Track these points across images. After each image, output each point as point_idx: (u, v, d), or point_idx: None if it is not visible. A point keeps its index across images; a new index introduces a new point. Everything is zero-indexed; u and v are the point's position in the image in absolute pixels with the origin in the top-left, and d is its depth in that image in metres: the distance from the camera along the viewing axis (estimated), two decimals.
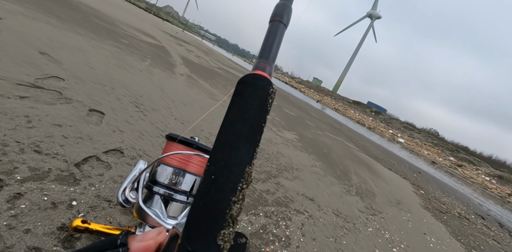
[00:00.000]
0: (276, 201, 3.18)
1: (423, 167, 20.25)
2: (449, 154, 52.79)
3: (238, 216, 0.31)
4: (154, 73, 5.63)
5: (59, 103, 2.82)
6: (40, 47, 3.75)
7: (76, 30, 5.54)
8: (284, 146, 5.58)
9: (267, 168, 3.99)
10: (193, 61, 10.70)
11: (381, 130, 45.14)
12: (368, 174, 7.13)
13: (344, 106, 61.19)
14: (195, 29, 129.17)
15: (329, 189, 4.44)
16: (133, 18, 16.50)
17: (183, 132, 3.77)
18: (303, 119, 11.58)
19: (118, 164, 2.52)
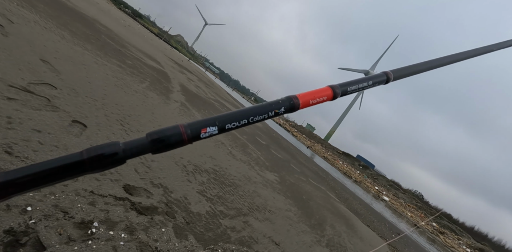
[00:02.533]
0: (240, 240, 3.08)
1: (405, 228, 19.78)
2: (432, 219, 51.96)
3: None
4: (149, 96, 5.76)
5: (45, 110, 2.85)
6: (43, 55, 3.89)
7: (84, 45, 5.79)
8: (262, 186, 5.52)
9: (239, 205, 3.91)
10: (191, 90, 10.99)
11: (367, 185, 44.86)
12: (344, 228, 6.96)
13: (334, 156, 61.44)
14: (200, 60, 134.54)
15: (299, 236, 4.31)
16: (142, 42, 17.24)
17: (162, 157, 3.76)
18: (289, 163, 11.57)
19: (86, 178, 2.48)
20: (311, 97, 0.63)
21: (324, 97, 0.65)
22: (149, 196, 2.80)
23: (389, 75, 0.77)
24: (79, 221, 2.04)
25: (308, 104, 0.63)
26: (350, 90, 0.69)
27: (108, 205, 2.35)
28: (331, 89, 0.66)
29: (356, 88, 0.70)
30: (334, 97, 0.67)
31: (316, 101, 0.64)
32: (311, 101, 0.63)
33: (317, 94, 0.64)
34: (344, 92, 0.68)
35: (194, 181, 3.73)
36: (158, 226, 2.50)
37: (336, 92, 0.66)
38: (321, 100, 0.64)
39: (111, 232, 2.12)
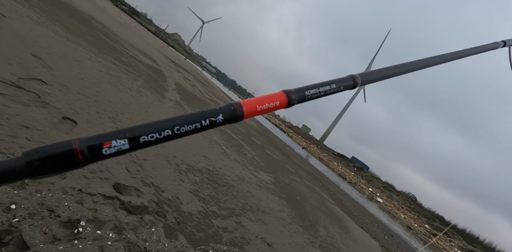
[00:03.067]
0: (231, 241, 3.03)
1: (398, 230, 19.87)
2: (425, 221, 52.32)
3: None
4: (144, 94, 5.70)
5: (34, 106, 2.79)
6: (35, 51, 3.82)
7: (78, 42, 5.71)
8: (256, 187, 5.48)
9: (232, 205, 3.87)
10: (187, 89, 10.92)
11: (362, 187, 45.03)
12: (337, 229, 6.95)
13: (329, 157, 61.61)
14: (197, 60, 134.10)
15: (292, 237, 4.28)
16: (138, 40, 17.12)
17: (155, 155, 3.71)
18: (283, 164, 11.55)
19: (75, 176, 2.42)
20: (259, 103, 0.55)
21: (276, 102, 0.57)
22: (140, 195, 2.75)
23: (356, 79, 0.70)
24: (65, 220, 1.98)
25: (256, 112, 0.54)
26: (309, 96, 0.61)
27: (97, 203, 2.30)
28: (285, 94, 0.58)
29: (316, 93, 0.62)
30: (290, 104, 0.59)
31: (266, 108, 0.55)
32: (260, 108, 0.55)
33: (267, 100, 0.56)
34: (301, 98, 0.60)
35: (187, 180, 3.68)
36: (148, 226, 2.45)
37: (292, 98, 0.59)
38: (272, 106, 0.56)
39: (99, 231, 2.07)
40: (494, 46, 1.16)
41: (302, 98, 0.60)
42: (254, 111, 0.54)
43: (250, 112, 0.54)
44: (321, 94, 0.63)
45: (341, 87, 0.67)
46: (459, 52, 1.01)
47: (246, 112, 0.53)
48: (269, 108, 0.56)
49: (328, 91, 0.64)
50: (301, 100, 0.61)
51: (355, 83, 0.69)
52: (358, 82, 0.70)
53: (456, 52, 1.00)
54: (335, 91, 0.66)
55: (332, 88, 0.65)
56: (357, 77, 0.70)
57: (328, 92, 0.64)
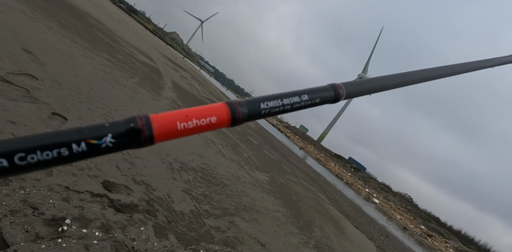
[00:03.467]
0: (224, 240, 2.98)
1: (394, 231, 19.89)
2: (421, 222, 52.46)
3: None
4: (139, 92, 5.63)
5: (22, 101, 2.72)
6: (27, 46, 3.75)
7: (73, 38, 5.63)
8: (251, 186, 5.43)
9: (225, 205, 3.81)
10: (183, 87, 10.85)
11: (358, 187, 45.09)
12: (333, 229, 6.91)
13: (326, 158, 61.65)
14: (195, 59, 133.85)
15: (286, 237, 4.23)
16: (136, 38, 17.01)
17: (148, 153, 3.65)
18: (280, 164, 11.50)
19: (62, 173, 2.36)
20: (181, 118, 0.38)
21: (211, 118, 0.40)
22: (130, 193, 2.69)
23: (339, 89, 0.53)
24: (49, 217, 1.92)
25: (175, 133, 0.37)
26: (266, 111, 0.45)
27: (84, 201, 2.24)
28: (227, 107, 0.42)
29: (278, 107, 0.46)
30: (234, 122, 0.42)
31: (195, 127, 0.39)
32: (182, 126, 0.38)
33: (197, 114, 0.39)
34: (254, 113, 0.43)
35: (180, 179, 3.62)
36: (137, 225, 2.40)
37: (237, 113, 0.42)
38: (204, 125, 0.39)
39: (84, 230, 2.01)
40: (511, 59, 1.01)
41: (254, 113, 0.44)
42: (172, 132, 0.37)
43: (165, 132, 0.37)
44: (286, 109, 0.47)
45: (317, 99, 0.50)
46: (470, 64, 0.86)
47: (158, 133, 0.36)
48: (199, 127, 0.39)
49: (296, 105, 0.48)
50: (253, 116, 0.44)
51: (338, 96, 0.53)
52: (341, 94, 0.54)
53: (467, 64, 0.86)
54: (308, 105, 0.49)
55: (303, 101, 0.48)
56: (340, 88, 0.54)
57: (297, 106, 0.48)
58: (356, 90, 0.57)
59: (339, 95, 0.53)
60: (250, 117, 0.43)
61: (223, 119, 0.41)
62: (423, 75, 0.72)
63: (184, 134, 0.38)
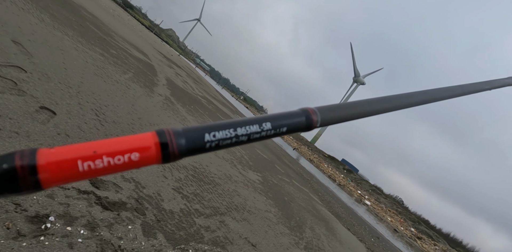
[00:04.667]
0: (213, 240, 2.93)
1: (384, 233, 20.01)
2: (411, 224, 53.04)
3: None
4: (131, 88, 5.53)
5: (9, 94, 2.63)
6: (16, 37, 3.64)
7: (65, 31, 5.51)
8: (243, 186, 5.38)
9: (216, 204, 3.76)
10: (178, 85, 10.75)
11: (351, 189, 45.36)
12: (324, 230, 6.90)
13: (319, 159, 61.91)
14: (191, 56, 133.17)
15: (277, 238, 4.19)
16: (131, 33, 16.81)
17: None
18: (273, 164, 11.47)
19: None
20: (82, 156, 0.29)
21: (133, 155, 0.31)
22: (118, 191, 2.62)
23: (313, 116, 0.44)
24: (32, 214, 1.85)
25: (76, 175, 0.29)
26: (213, 143, 0.36)
27: (70, 198, 2.17)
28: (158, 140, 0.33)
29: (229, 139, 0.37)
30: (167, 158, 0.33)
31: (105, 167, 0.30)
32: (86, 167, 0.29)
33: (112, 149, 0.30)
34: (196, 146, 0.35)
35: (171, 177, 3.55)
36: (125, 223, 2.33)
37: (171, 146, 0.33)
38: (120, 163, 0.30)
39: (69, 227, 1.94)
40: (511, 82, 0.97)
41: (196, 146, 0.35)
42: (70, 174, 0.28)
43: (57, 175, 0.28)
44: (241, 141, 0.38)
45: (283, 128, 0.41)
46: (468, 86, 0.80)
47: (46, 176, 0.28)
48: (112, 167, 0.30)
49: (255, 136, 0.39)
50: (195, 150, 0.35)
51: (310, 123, 0.44)
52: (315, 121, 0.44)
53: (464, 86, 0.79)
54: (271, 135, 0.40)
55: (264, 130, 0.39)
56: (314, 113, 0.44)
57: (256, 136, 0.39)
58: (334, 116, 0.47)
59: (312, 122, 0.44)
60: (190, 151, 0.34)
61: (149, 155, 0.32)
62: (415, 99, 0.64)
63: (88, 176, 0.29)
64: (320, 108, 0.46)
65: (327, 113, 0.46)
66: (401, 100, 0.60)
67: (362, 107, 0.52)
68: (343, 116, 0.49)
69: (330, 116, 0.47)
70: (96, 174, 0.30)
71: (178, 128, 0.35)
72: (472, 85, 0.82)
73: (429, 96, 0.68)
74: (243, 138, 0.38)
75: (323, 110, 0.46)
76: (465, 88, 0.79)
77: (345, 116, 0.49)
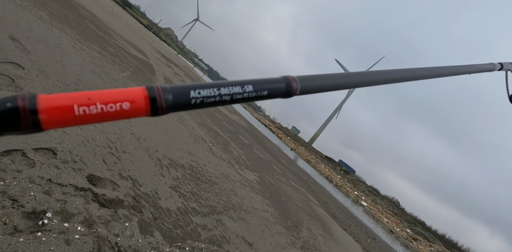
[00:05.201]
0: (210, 239, 2.93)
1: (380, 234, 20.07)
2: (407, 225, 53.23)
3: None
4: (129, 86, 5.51)
5: (6, 90, 2.62)
6: (13, 34, 3.63)
7: (63, 28, 5.49)
8: (240, 185, 5.38)
9: (213, 203, 3.76)
10: (175, 82, 10.72)
11: (347, 190, 45.46)
12: (320, 231, 6.91)
13: (316, 160, 62.03)
14: (190, 56, 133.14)
15: (273, 237, 4.19)
16: (129, 31, 16.77)
17: (136, 148, 3.57)
18: (270, 164, 11.48)
19: (45, 165, 2.27)
20: (82, 101, 0.31)
21: (124, 104, 0.33)
22: (115, 188, 2.62)
23: (293, 83, 0.46)
24: (29, 210, 1.85)
25: (72, 119, 0.31)
26: (198, 100, 0.38)
27: (67, 195, 2.16)
28: (147, 93, 0.35)
29: (214, 97, 0.39)
30: (156, 110, 0.35)
31: (99, 113, 0.32)
32: (81, 111, 0.31)
33: (104, 97, 0.32)
34: (182, 102, 0.37)
35: (168, 175, 3.55)
36: (122, 220, 2.33)
37: (160, 101, 0.35)
38: (113, 111, 0.32)
39: (66, 224, 1.94)
40: (490, 67, 1.02)
41: (182, 102, 0.37)
42: (67, 117, 0.30)
43: (56, 117, 0.30)
44: (224, 100, 0.40)
45: (264, 92, 0.43)
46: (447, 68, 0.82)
47: (46, 117, 0.30)
48: (105, 114, 0.32)
49: (238, 96, 0.41)
50: (181, 106, 0.37)
51: (290, 90, 0.46)
52: (295, 88, 0.46)
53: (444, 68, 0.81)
54: (252, 98, 0.42)
55: (246, 92, 0.41)
56: (294, 81, 0.47)
57: (238, 97, 0.41)
58: (313, 85, 0.49)
59: (292, 89, 0.46)
60: (177, 106, 0.37)
61: (139, 106, 0.34)
62: (394, 75, 0.66)
63: (84, 121, 0.31)
64: (300, 77, 0.48)
65: (307, 82, 0.48)
66: (379, 76, 0.62)
67: (341, 79, 0.54)
68: (323, 86, 0.51)
69: (310, 85, 0.49)
70: (90, 120, 0.32)
71: (166, 85, 0.37)
72: (451, 68, 0.84)
73: (407, 74, 0.70)
74: (226, 97, 0.40)
75: (303, 79, 0.48)
76: (444, 70, 0.81)
77: (324, 86, 0.51)
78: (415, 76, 0.72)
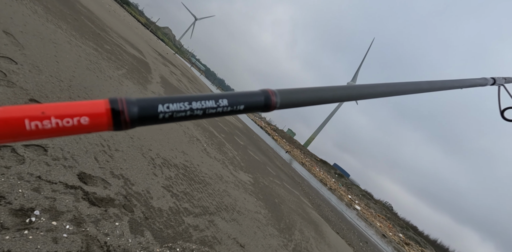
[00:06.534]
0: (201, 240, 2.89)
1: (373, 238, 20.11)
2: (399, 230, 53.47)
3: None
4: (124, 84, 5.48)
5: None
6: (7, 27, 3.57)
7: (58, 24, 5.43)
8: (234, 186, 5.35)
9: (206, 204, 3.73)
10: (172, 83, 10.69)
11: (341, 193, 45.57)
12: (313, 233, 6.90)
13: (311, 163, 62.18)
14: (187, 56, 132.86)
15: (266, 239, 4.17)
16: (126, 29, 16.67)
17: (129, 147, 3.53)
18: (265, 166, 11.45)
19: (35, 161, 2.23)
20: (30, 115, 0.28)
21: (82, 119, 0.30)
22: (106, 187, 2.58)
23: (272, 97, 0.45)
24: (17, 207, 1.80)
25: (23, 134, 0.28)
26: (166, 114, 0.35)
27: (56, 192, 2.12)
28: (109, 106, 0.32)
29: (183, 112, 0.36)
30: (118, 125, 0.33)
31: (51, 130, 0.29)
32: (33, 126, 0.28)
33: (56, 111, 0.30)
34: (148, 115, 0.34)
35: (161, 175, 3.51)
36: (112, 220, 2.29)
37: (123, 114, 0.33)
38: (69, 126, 0.30)
39: (54, 222, 1.89)
40: (482, 82, 1.00)
41: (148, 116, 0.35)
42: (16, 132, 0.28)
43: (4, 132, 0.27)
44: (196, 115, 0.38)
45: (240, 106, 0.41)
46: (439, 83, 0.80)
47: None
48: (60, 130, 0.30)
49: (211, 111, 0.39)
50: (147, 120, 0.35)
51: (269, 103, 0.44)
52: (274, 101, 0.45)
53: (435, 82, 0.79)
54: (227, 112, 0.41)
55: (220, 106, 0.39)
56: (274, 95, 0.45)
57: (212, 112, 0.39)
58: (294, 99, 0.48)
59: (271, 102, 0.44)
60: (143, 120, 0.34)
61: (99, 121, 0.31)
62: (381, 89, 0.63)
63: (36, 136, 0.29)
64: (281, 90, 0.47)
65: (287, 95, 0.47)
66: (366, 90, 0.60)
67: (323, 93, 0.52)
68: (304, 100, 0.49)
69: (290, 98, 0.47)
70: (44, 135, 0.30)
71: (132, 97, 0.35)
72: (442, 82, 0.81)
73: (395, 89, 0.67)
74: (198, 112, 0.38)
75: (283, 93, 0.46)
76: (435, 84, 0.79)
77: (306, 101, 0.50)
78: (404, 91, 0.70)
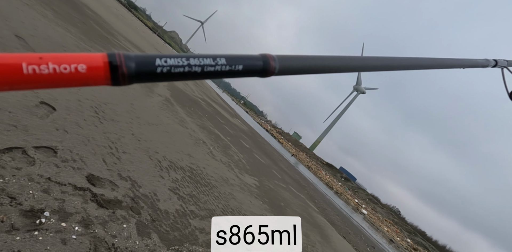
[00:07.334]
0: (208, 243, 2.89)
1: (380, 242, 19.88)
2: (407, 235, 52.75)
3: None
4: (131, 87, 5.54)
5: None
6: (19, 31, 3.65)
7: (67, 28, 5.53)
8: (239, 189, 5.35)
9: (212, 206, 3.73)
10: (178, 86, 10.77)
11: (348, 197, 45.19)
12: (319, 237, 6.85)
13: (317, 166, 61.87)
14: None
15: None
16: (133, 33, 16.88)
17: (135, 149, 3.56)
18: (270, 169, 11.43)
19: (45, 163, 2.26)
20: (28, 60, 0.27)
21: (79, 66, 0.29)
22: (114, 189, 2.60)
23: (271, 61, 0.43)
24: (27, 208, 1.83)
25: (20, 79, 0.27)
26: (165, 69, 0.34)
27: (65, 194, 2.14)
28: (106, 57, 0.31)
29: (181, 67, 0.35)
30: (116, 78, 0.32)
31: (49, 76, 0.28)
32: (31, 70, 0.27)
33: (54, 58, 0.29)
34: (147, 70, 0.33)
35: (168, 177, 3.53)
36: (119, 221, 2.30)
37: (120, 66, 0.32)
38: (67, 72, 0.29)
39: (63, 223, 1.92)
40: (484, 63, 0.96)
41: (146, 69, 0.34)
42: (14, 76, 0.27)
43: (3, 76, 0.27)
44: (194, 72, 0.36)
45: (239, 66, 0.40)
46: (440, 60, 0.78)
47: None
48: (58, 76, 0.28)
49: (209, 69, 0.37)
50: (146, 74, 0.34)
51: (267, 68, 0.43)
52: (272, 66, 0.43)
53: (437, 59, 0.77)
54: (226, 72, 0.39)
55: (218, 65, 0.38)
56: (272, 59, 0.43)
57: (210, 70, 0.37)
58: (293, 65, 0.46)
59: (269, 67, 0.43)
60: (141, 75, 0.33)
61: (97, 70, 0.30)
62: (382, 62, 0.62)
63: (34, 82, 0.27)
64: (280, 56, 0.45)
65: (286, 61, 0.45)
66: (366, 62, 0.59)
67: (323, 62, 0.51)
68: (303, 67, 0.48)
69: (289, 65, 0.46)
70: (41, 82, 0.28)
71: (130, 52, 0.34)
72: (444, 60, 0.80)
73: (396, 63, 0.66)
74: (196, 68, 0.37)
75: (283, 59, 0.45)
76: (437, 61, 0.77)
77: (305, 68, 0.49)
78: (405, 66, 0.69)
